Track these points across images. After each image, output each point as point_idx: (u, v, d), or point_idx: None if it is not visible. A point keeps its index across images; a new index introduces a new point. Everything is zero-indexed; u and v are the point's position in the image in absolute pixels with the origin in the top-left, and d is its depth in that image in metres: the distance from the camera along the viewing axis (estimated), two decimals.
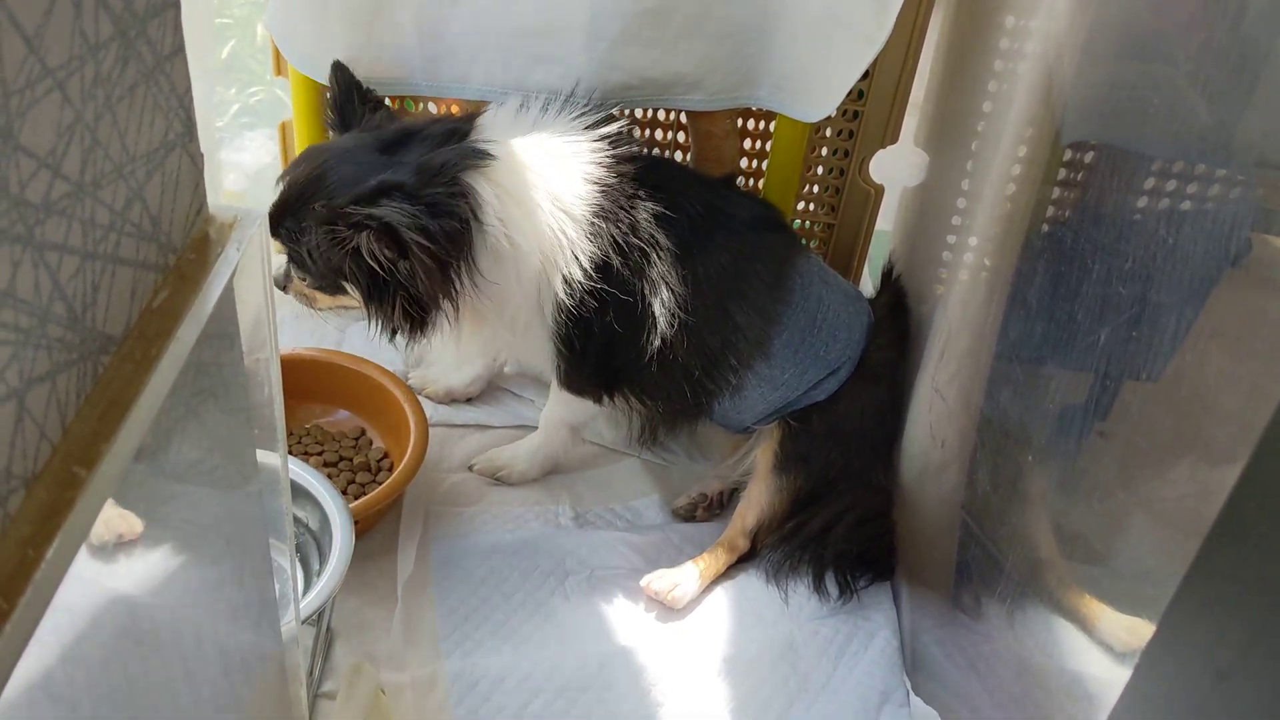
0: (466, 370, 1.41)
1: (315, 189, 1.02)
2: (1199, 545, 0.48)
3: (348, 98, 1.12)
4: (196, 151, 0.47)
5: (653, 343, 1.11)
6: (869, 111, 1.35)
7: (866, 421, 1.20)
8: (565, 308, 1.07)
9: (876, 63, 1.24)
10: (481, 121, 1.08)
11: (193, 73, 0.45)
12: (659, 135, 1.44)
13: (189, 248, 0.47)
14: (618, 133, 1.11)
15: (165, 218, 0.45)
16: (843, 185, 1.43)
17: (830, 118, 1.28)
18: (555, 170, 1.06)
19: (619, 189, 1.07)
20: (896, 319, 1.26)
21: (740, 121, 1.41)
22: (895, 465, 1.22)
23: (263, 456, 0.59)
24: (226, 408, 0.55)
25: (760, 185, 1.43)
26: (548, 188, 1.05)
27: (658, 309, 1.09)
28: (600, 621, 1.13)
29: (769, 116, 1.39)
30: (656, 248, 1.08)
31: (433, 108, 1.36)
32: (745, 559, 1.23)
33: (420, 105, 1.36)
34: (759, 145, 1.43)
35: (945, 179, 1.23)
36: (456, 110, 1.32)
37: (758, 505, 1.22)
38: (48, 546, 0.34)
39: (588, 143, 1.09)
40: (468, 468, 1.32)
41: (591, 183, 1.06)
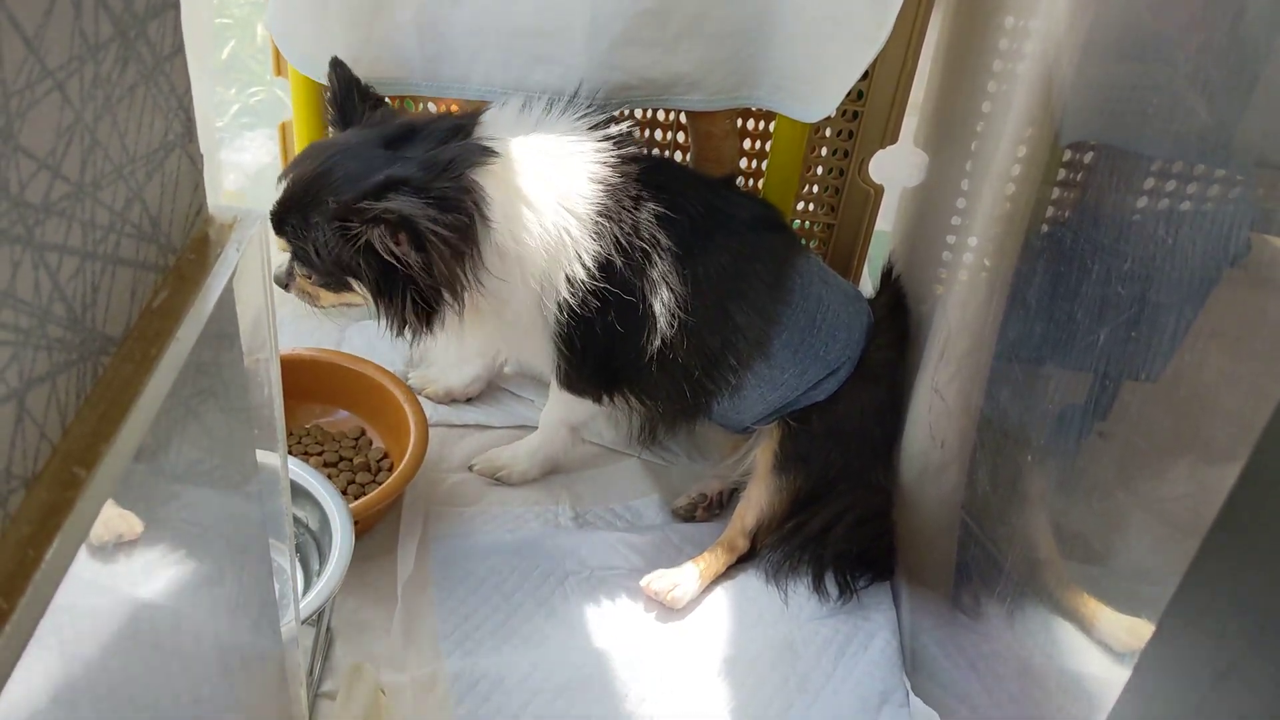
0: (466, 370, 1.41)
1: (321, 185, 1.01)
2: (1198, 545, 0.48)
3: (347, 94, 1.11)
4: (196, 152, 0.47)
5: (653, 343, 1.11)
6: (869, 111, 1.35)
7: (866, 421, 1.20)
8: (567, 307, 1.07)
9: (876, 63, 1.24)
10: (485, 119, 1.08)
11: (192, 73, 0.45)
12: (659, 135, 1.44)
13: (189, 248, 0.47)
14: (621, 133, 1.11)
15: (165, 218, 0.45)
16: (842, 185, 1.43)
17: (830, 118, 1.28)
18: (559, 169, 1.06)
19: (622, 189, 1.07)
20: (896, 319, 1.26)
21: (740, 122, 1.41)
22: (895, 465, 1.22)
23: (262, 457, 0.59)
24: (226, 408, 0.55)
25: (760, 185, 1.43)
26: (552, 186, 1.05)
27: (658, 309, 1.09)
28: (600, 621, 1.13)
29: (769, 116, 1.39)
30: (658, 248, 1.08)
31: (432, 108, 1.36)
32: (745, 559, 1.23)
33: (420, 105, 1.36)
34: (759, 145, 1.43)
35: (945, 179, 1.23)
36: (456, 110, 1.31)
37: (757, 505, 1.22)
38: (48, 547, 0.34)
39: (591, 143, 1.09)
40: (468, 468, 1.32)
41: (595, 182, 1.06)
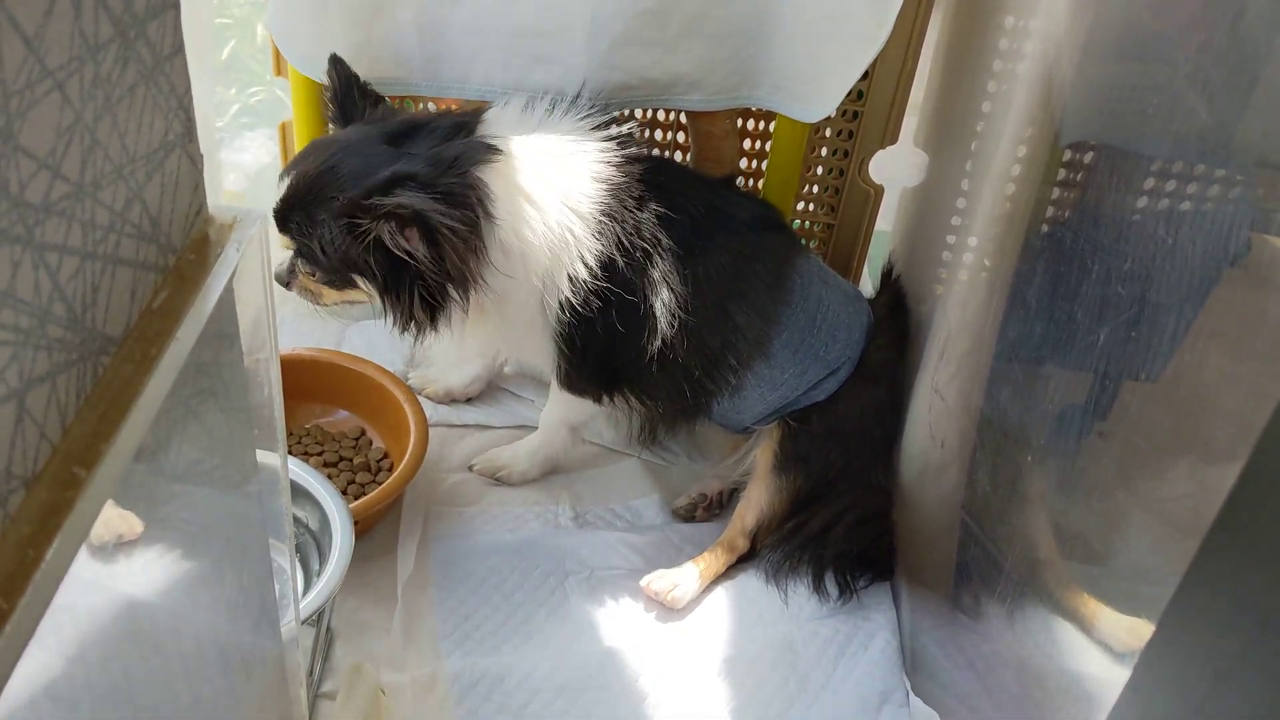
0: (466, 370, 1.41)
1: (326, 182, 1.01)
2: (1198, 545, 0.48)
3: (347, 91, 1.11)
4: (196, 152, 0.47)
5: (653, 343, 1.11)
6: (869, 112, 1.35)
7: (866, 421, 1.20)
8: (568, 307, 1.07)
9: (876, 63, 1.24)
10: (488, 117, 1.08)
11: (192, 73, 0.45)
12: (659, 135, 1.44)
13: (189, 248, 0.47)
14: (623, 134, 1.11)
15: (165, 218, 0.45)
16: (842, 185, 1.43)
17: (830, 118, 1.28)
18: (563, 168, 1.06)
19: (625, 189, 1.07)
20: (896, 319, 1.26)
21: (740, 122, 1.41)
22: (895, 465, 1.22)
23: (262, 457, 0.59)
24: (226, 408, 0.55)
25: (760, 185, 1.43)
26: (556, 185, 1.05)
27: (659, 309, 1.09)
28: (600, 621, 1.13)
29: (769, 116, 1.39)
30: (659, 248, 1.08)
31: (432, 107, 1.36)
32: (745, 559, 1.23)
33: (420, 105, 1.36)
34: (759, 145, 1.43)
35: (945, 179, 1.23)
36: (456, 109, 1.31)
37: (757, 505, 1.22)
38: (48, 547, 0.34)
39: (594, 143, 1.09)
40: (468, 468, 1.32)
41: (598, 182, 1.07)
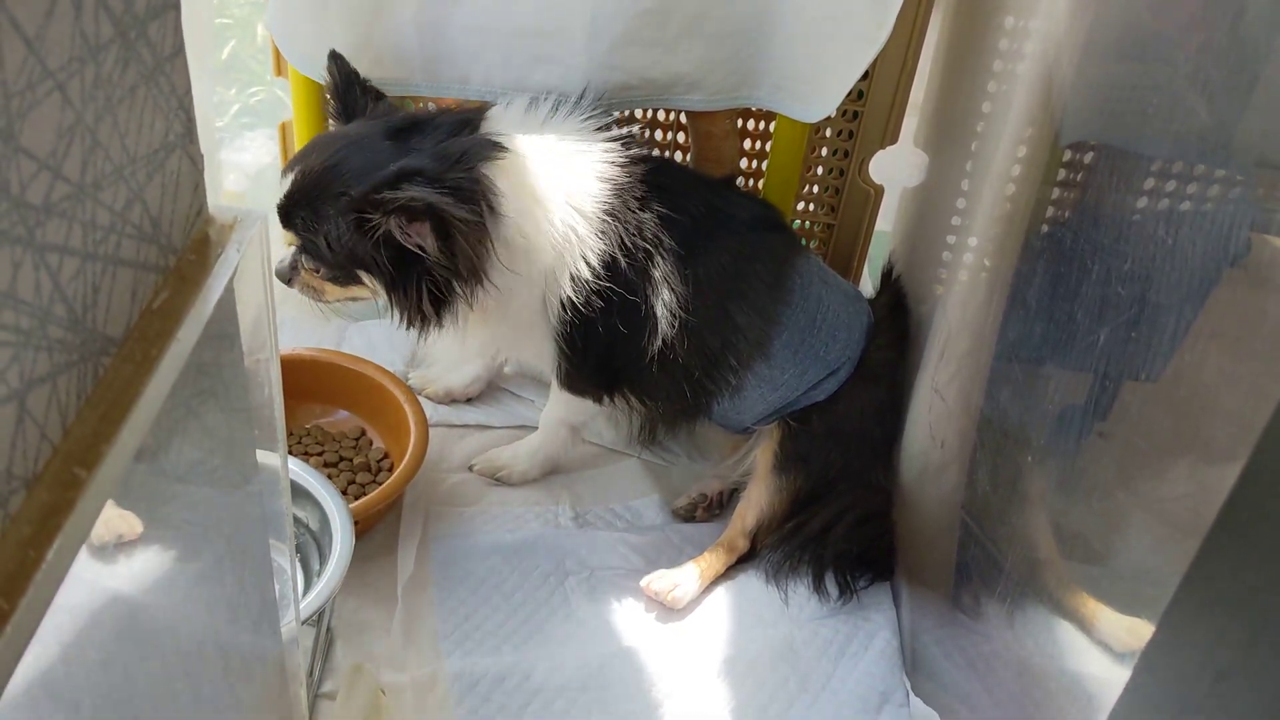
0: (466, 370, 1.41)
1: (332, 178, 1.00)
2: (1198, 545, 0.48)
3: (348, 87, 1.11)
4: (197, 153, 0.47)
5: (654, 343, 1.11)
6: (869, 112, 1.35)
7: (866, 422, 1.20)
8: (570, 306, 1.07)
9: (876, 63, 1.24)
10: (491, 115, 1.08)
11: (193, 73, 0.45)
12: (659, 135, 1.44)
13: (189, 249, 0.47)
14: (627, 135, 1.11)
15: (165, 219, 0.45)
16: (842, 185, 1.43)
17: (830, 118, 1.28)
18: (567, 168, 1.06)
19: (628, 189, 1.08)
20: (896, 319, 1.26)
21: (740, 122, 1.41)
22: (895, 465, 1.22)
23: (263, 457, 0.59)
24: (227, 408, 0.55)
25: (760, 185, 1.43)
26: (561, 184, 1.05)
27: (660, 310, 1.09)
28: (600, 621, 1.13)
29: (769, 116, 1.39)
30: (660, 248, 1.08)
31: (432, 107, 1.36)
32: (745, 559, 1.23)
33: (420, 104, 1.36)
34: (759, 145, 1.43)
35: (945, 179, 1.23)
36: (457, 107, 1.31)
37: (757, 505, 1.22)
38: (48, 547, 0.34)
39: (598, 143, 1.09)
40: (468, 468, 1.32)
41: (602, 182, 1.07)
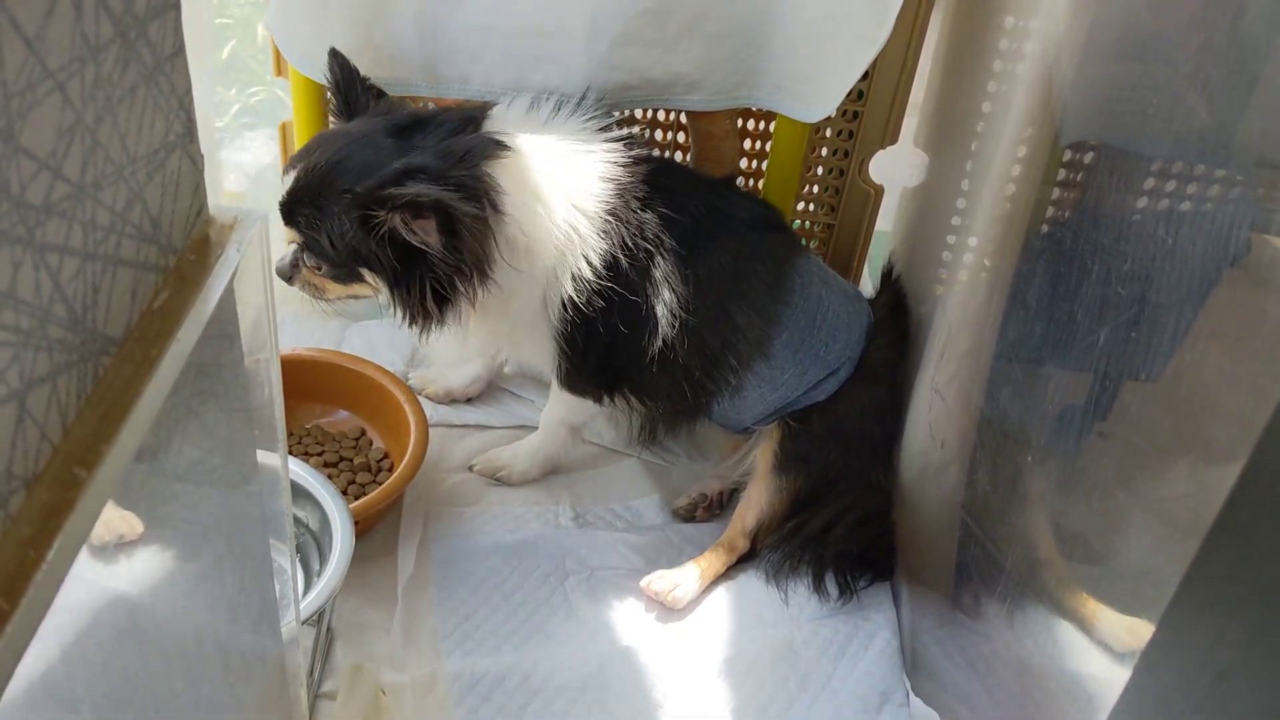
0: (466, 370, 1.41)
1: (336, 175, 1.00)
2: (1198, 545, 0.48)
3: (350, 84, 1.11)
4: (197, 153, 0.47)
5: (655, 343, 1.11)
6: (869, 112, 1.35)
7: (866, 422, 1.20)
8: (571, 306, 1.07)
9: (876, 63, 1.24)
10: (494, 114, 1.09)
11: (193, 73, 0.45)
12: (659, 135, 1.45)
13: (189, 249, 0.47)
14: (630, 135, 1.12)
15: (166, 219, 0.45)
16: (842, 185, 1.43)
17: (830, 118, 1.28)
18: (570, 168, 1.07)
19: (630, 189, 1.08)
20: (896, 319, 1.26)
21: (740, 122, 1.41)
22: (895, 465, 1.22)
23: (263, 457, 0.59)
24: (227, 408, 0.55)
25: (760, 185, 1.43)
26: (563, 184, 1.05)
27: (660, 310, 1.09)
28: (600, 621, 1.13)
29: (769, 116, 1.39)
30: (661, 248, 1.08)
31: (432, 107, 1.36)
32: (745, 559, 1.23)
33: (420, 104, 1.36)
34: (759, 145, 1.43)
35: (945, 179, 1.23)
36: (459, 106, 1.31)
37: (757, 505, 1.22)
38: (49, 547, 0.34)
39: (600, 143, 1.09)
40: (468, 468, 1.31)
41: (605, 182, 1.07)
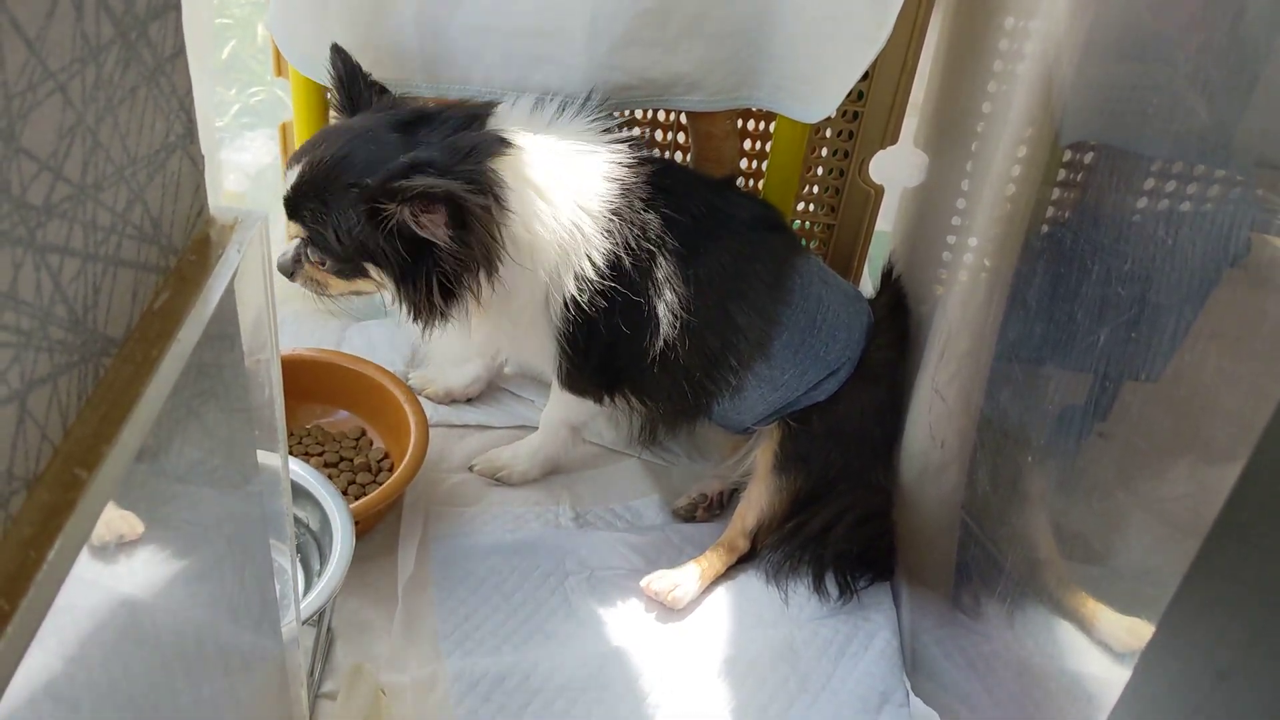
0: (466, 370, 1.41)
1: (341, 169, 1.00)
2: (1199, 545, 0.48)
3: (353, 79, 1.11)
4: (197, 153, 0.47)
5: (656, 344, 1.11)
6: (869, 112, 1.35)
7: (866, 422, 1.20)
8: (573, 306, 1.07)
9: (876, 63, 1.24)
10: (499, 112, 1.09)
11: (193, 74, 0.45)
12: (659, 135, 1.45)
13: (190, 249, 0.47)
14: (634, 136, 1.12)
15: (166, 220, 0.45)
16: (842, 186, 1.43)
17: (830, 118, 1.28)
18: (574, 167, 1.07)
19: (634, 190, 1.08)
20: (896, 319, 1.26)
21: (740, 122, 1.41)
22: (895, 465, 1.22)
23: (263, 457, 0.59)
24: (227, 408, 0.55)
25: (760, 186, 1.43)
26: (568, 183, 1.05)
27: (662, 310, 1.09)
28: (600, 622, 1.13)
29: (769, 117, 1.39)
30: (664, 249, 1.09)
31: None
32: (745, 559, 1.23)
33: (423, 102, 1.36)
34: (759, 146, 1.43)
35: (945, 180, 1.23)
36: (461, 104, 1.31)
37: (758, 506, 1.22)
38: (49, 548, 0.34)
39: (604, 144, 1.09)
40: (468, 468, 1.32)
41: (610, 182, 1.07)
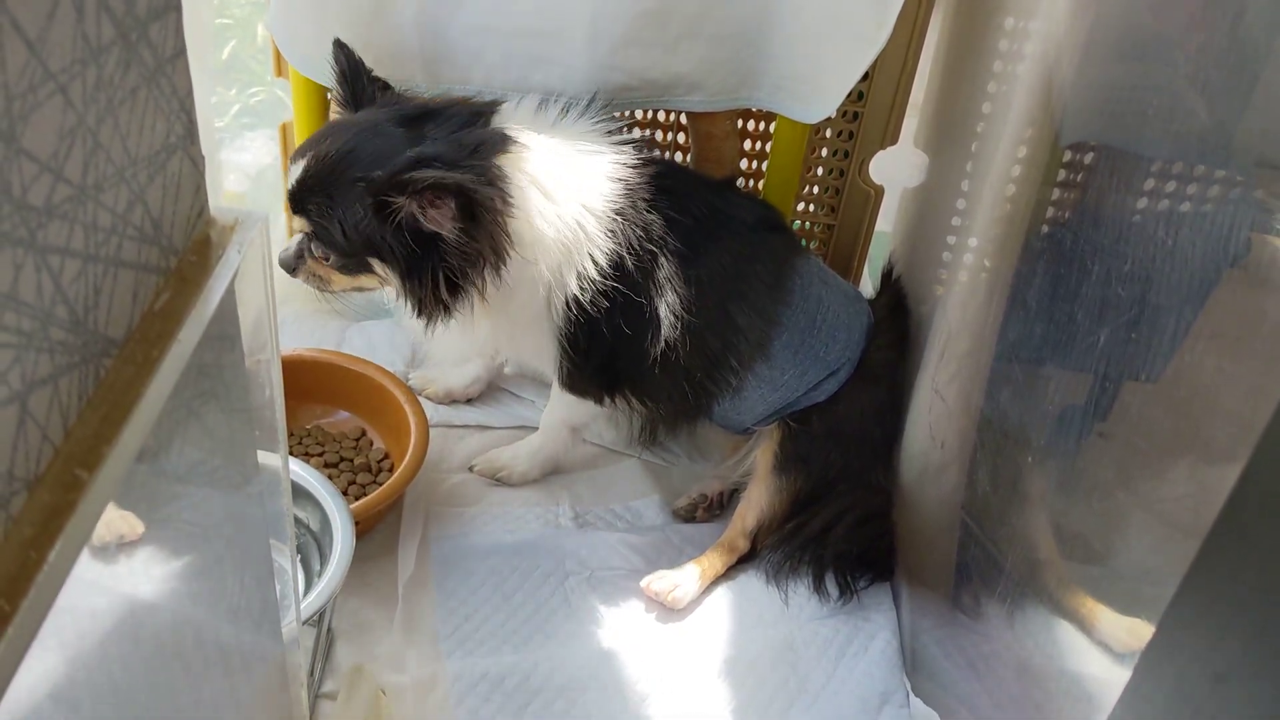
0: (466, 371, 1.41)
1: (347, 163, 1.00)
2: (1198, 546, 0.48)
3: (355, 75, 1.11)
4: (198, 154, 0.47)
5: (657, 345, 1.11)
6: (869, 112, 1.35)
7: (866, 422, 1.20)
8: (574, 305, 1.07)
9: (876, 64, 1.24)
10: (503, 110, 1.09)
11: (193, 74, 0.45)
12: (659, 136, 1.45)
13: (190, 250, 0.47)
14: (638, 138, 1.12)
15: (167, 220, 0.45)
16: (843, 186, 1.43)
17: (830, 119, 1.28)
18: (578, 167, 1.07)
19: (637, 191, 1.08)
20: (896, 320, 1.26)
21: (740, 122, 1.41)
22: (895, 466, 1.22)
23: (264, 457, 0.59)
24: (228, 409, 0.55)
25: (760, 186, 1.43)
26: (571, 183, 1.05)
27: (663, 311, 1.09)
28: (600, 622, 1.14)
29: (769, 117, 1.39)
30: (665, 249, 1.09)
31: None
32: (745, 560, 1.23)
33: None
34: (759, 146, 1.43)
35: (945, 180, 1.23)
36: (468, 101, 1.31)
37: (758, 506, 1.22)
38: (50, 549, 0.34)
39: (609, 144, 1.10)
40: (468, 468, 1.32)
41: (614, 182, 1.07)
